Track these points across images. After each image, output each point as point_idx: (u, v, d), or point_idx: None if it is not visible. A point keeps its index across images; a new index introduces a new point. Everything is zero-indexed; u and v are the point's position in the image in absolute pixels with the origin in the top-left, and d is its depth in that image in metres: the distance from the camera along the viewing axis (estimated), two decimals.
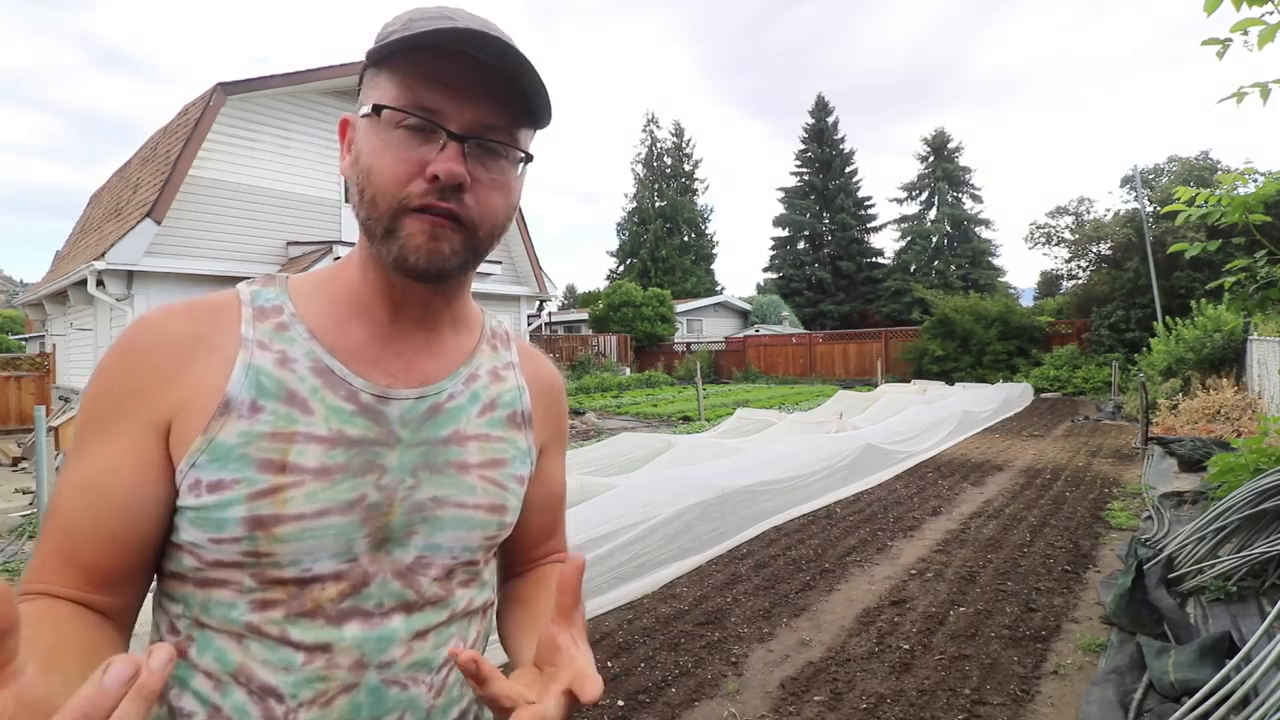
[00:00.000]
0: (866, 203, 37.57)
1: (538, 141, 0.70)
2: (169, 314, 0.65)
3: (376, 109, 0.62)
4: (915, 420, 8.94)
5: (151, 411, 0.62)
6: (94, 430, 0.62)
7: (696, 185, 42.70)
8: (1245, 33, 2.56)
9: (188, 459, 0.61)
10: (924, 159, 35.40)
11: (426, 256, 0.61)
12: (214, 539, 0.61)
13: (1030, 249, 35.57)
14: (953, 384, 15.46)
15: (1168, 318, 13.37)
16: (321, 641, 0.63)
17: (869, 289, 35.59)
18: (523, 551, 0.83)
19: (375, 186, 0.62)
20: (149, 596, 0.68)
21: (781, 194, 38.86)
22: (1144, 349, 14.15)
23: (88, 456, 0.62)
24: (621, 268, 40.93)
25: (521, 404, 0.77)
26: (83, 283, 9.35)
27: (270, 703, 0.62)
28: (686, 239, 41.30)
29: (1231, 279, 3.85)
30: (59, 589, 0.60)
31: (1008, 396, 13.13)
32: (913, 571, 4.20)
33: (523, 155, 0.66)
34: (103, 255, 8.90)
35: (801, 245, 37.80)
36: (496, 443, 0.73)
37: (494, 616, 0.80)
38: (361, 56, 0.66)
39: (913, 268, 34.24)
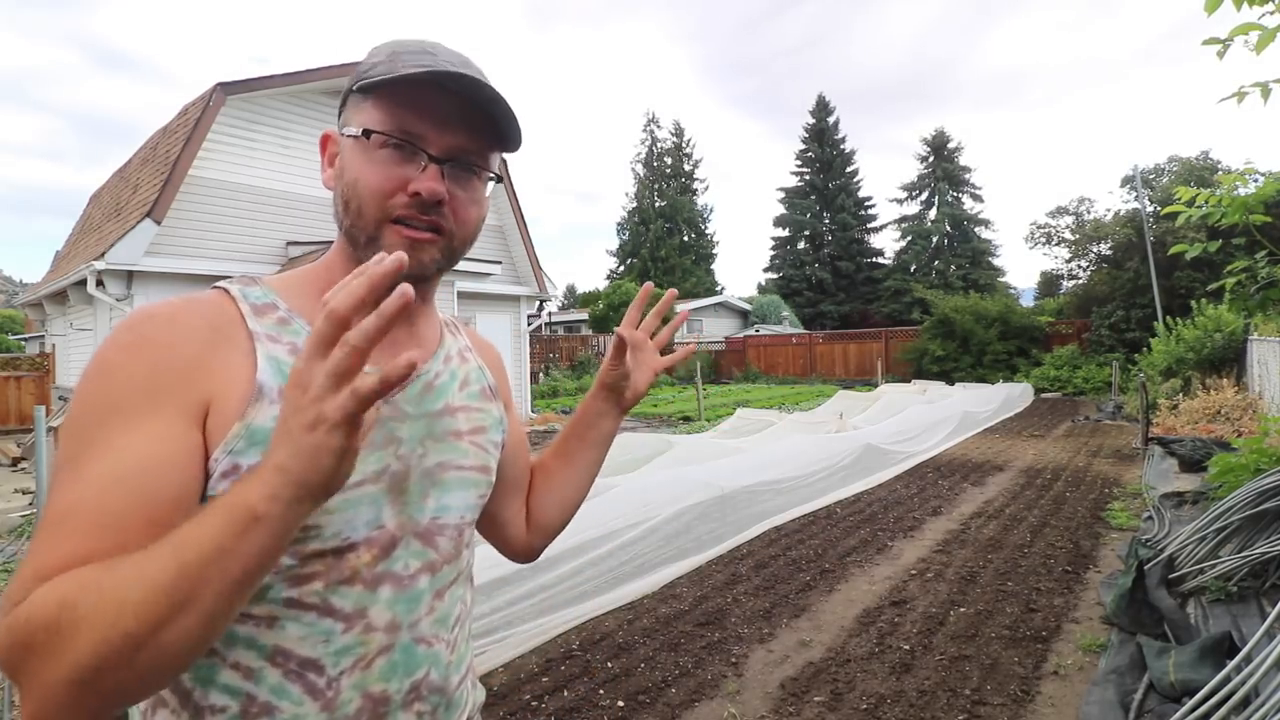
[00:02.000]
0: (867, 203, 37.57)
1: (536, 143, 0.75)
2: (177, 307, 0.66)
3: (366, 133, 0.69)
4: (915, 420, 8.94)
5: (189, 398, 0.61)
6: (123, 421, 0.59)
7: (696, 185, 42.71)
8: (1246, 35, 2.56)
9: (225, 446, 0.61)
10: (924, 159, 35.42)
11: (408, 265, 0.66)
12: None
13: (1030, 249, 35.71)
14: (953, 384, 15.45)
15: (1168, 318, 13.37)
16: (360, 606, 0.67)
17: (869, 289, 35.59)
18: (525, 482, 0.98)
19: (361, 198, 0.69)
20: None
21: (782, 194, 38.89)
22: (1144, 349, 14.15)
23: (126, 446, 0.58)
24: (622, 268, 40.92)
25: (486, 379, 0.87)
26: (82, 283, 9.34)
27: (311, 676, 0.65)
28: (686, 239, 41.29)
29: (1232, 279, 3.85)
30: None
31: (1008, 396, 13.13)
32: (913, 572, 4.20)
33: (492, 176, 0.75)
34: (102, 255, 8.90)
35: (802, 245, 37.80)
36: (476, 413, 0.82)
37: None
38: (360, 56, 0.72)
39: (913, 268, 34.24)
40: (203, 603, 0.49)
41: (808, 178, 38.27)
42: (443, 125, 0.69)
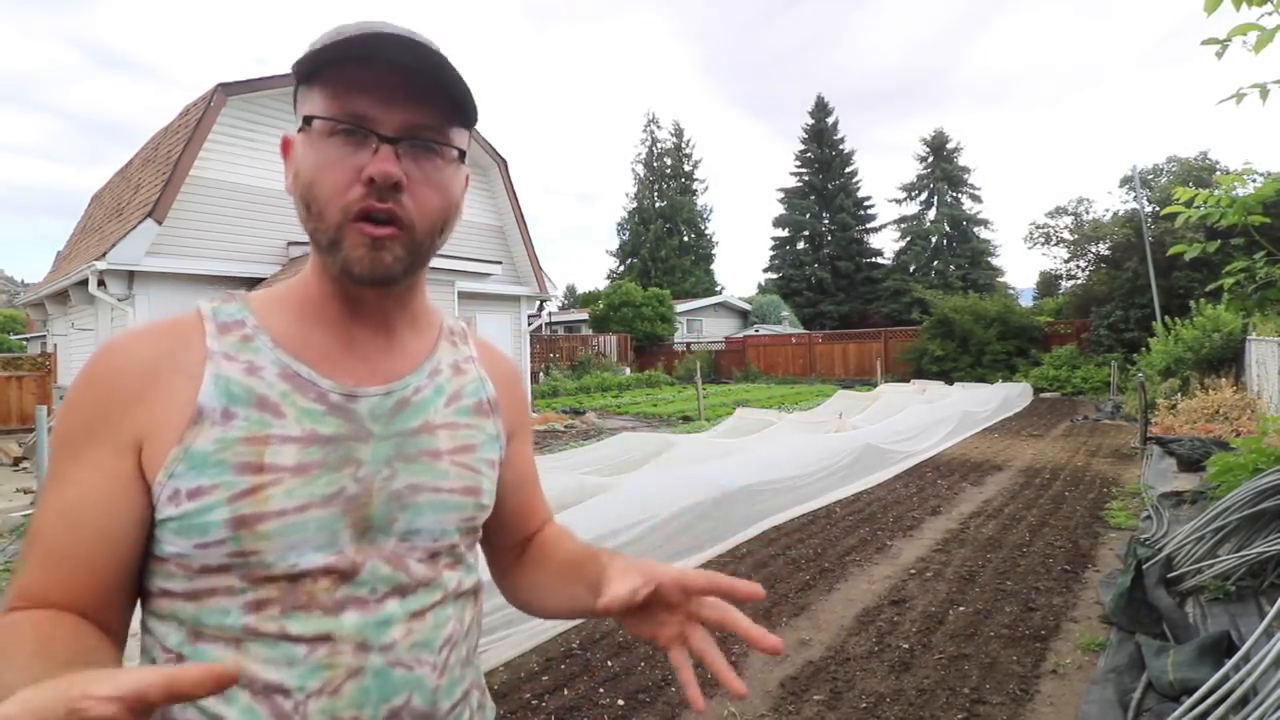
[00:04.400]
0: (866, 203, 37.57)
1: (536, 143, 0.72)
2: (133, 337, 0.67)
3: (307, 120, 0.64)
4: (915, 420, 8.95)
5: (123, 432, 0.63)
6: (67, 455, 0.64)
7: (696, 185, 42.72)
8: (1245, 35, 2.57)
9: (165, 470, 0.62)
10: (923, 159, 35.40)
11: (370, 266, 0.64)
12: (199, 544, 0.62)
13: (1029, 249, 35.78)
14: (952, 384, 15.46)
15: (1167, 318, 13.37)
16: (322, 632, 0.64)
17: (868, 289, 35.59)
18: (516, 531, 0.88)
19: (320, 200, 0.64)
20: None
21: (781, 194, 38.88)
22: (1143, 349, 14.14)
23: (64, 481, 0.63)
24: (621, 268, 40.92)
25: (485, 393, 0.80)
26: (84, 283, 9.35)
27: (277, 699, 0.63)
28: (686, 239, 41.30)
29: (1231, 279, 3.86)
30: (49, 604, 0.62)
31: (1007, 396, 13.14)
32: (912, 571, 4.21)
33: (457, 152, 0.69)
34: (104, 255, 8.91)
35: (801, 245, 37.80)
36: (464, 429, 0.76)
37: (482, 601, 0.83)
38: (300, 49, 0.67)
39: (912, 268, 34.24)
40: None
41: (807, 178, 38.26)
42: (389, 101, 0.63)
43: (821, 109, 38.39)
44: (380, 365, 0.73)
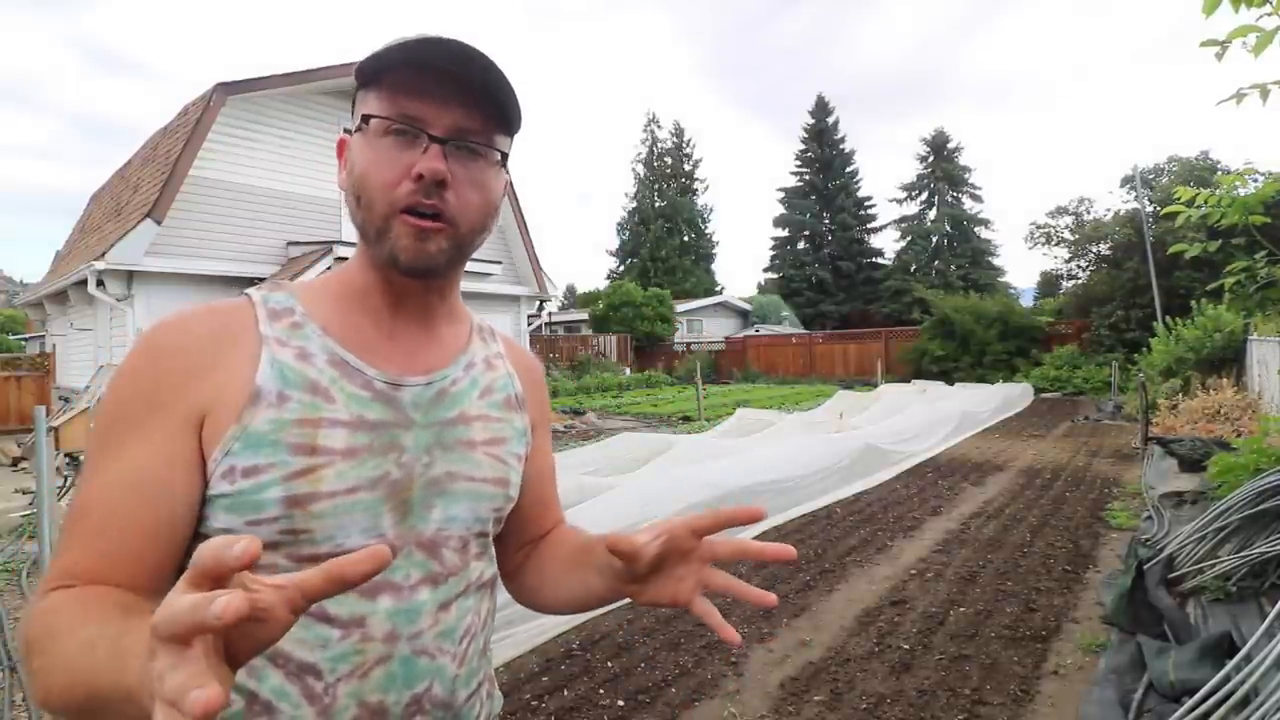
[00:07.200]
0: (867, 203, 37.57)
1: (537, 143, 0.74)
2: (191, 316, 0.69)
3: (365, 119, 0.69)
4: (915, 420, 8.94)
5: (186, 407, 0.64)
6: (127, 429, 0.64)
7: (697, 185, 42.72)
8: (1245, 37, 2.56)
9: (222, 447, 0.64)
10: (924, 159, 35.39)
11: (414, 255, 0.68)
12: (251, 521, 0.64)
13: (1030, 249, 35.79)
14: (952, 384, 15.46)
15: (1168, 318, 13.36)
16: (357, 615, 0.67)
17: (869, 289, 35.58)
18: (531, 527, 0.90)
19: (370, 192, 0.68)
20: None
21: (782, 194, 38.87)
22: (1144, 349, 14.13)
23: (125, 454, 0.63)
24: (621, 268, 40.92)
25: (513, 388, 0.84)
26: (83, 283, 9.36)
27: (309, 680, 0.65)
28: (686, 239, 41.30)
29: (1232, 279, 3.85)
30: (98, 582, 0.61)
31: (1007, 396, 13.13)
32: (913, 571, 4.20)
33: (499, 155, 0.73)
34: (103, 255, 8.92)
35: (802, 245, 37.80)
36: (496, 423, 0.79)
37: (497, 594, 0.85)
38: (361, 56, 0.71)
39: (913, 268, 34.23)
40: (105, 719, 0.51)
41: (807, 178, 38.26)
42: (441, 105, 0.68)
43: (822, 109, 38.39)
44: (420, 356, 0.76)
